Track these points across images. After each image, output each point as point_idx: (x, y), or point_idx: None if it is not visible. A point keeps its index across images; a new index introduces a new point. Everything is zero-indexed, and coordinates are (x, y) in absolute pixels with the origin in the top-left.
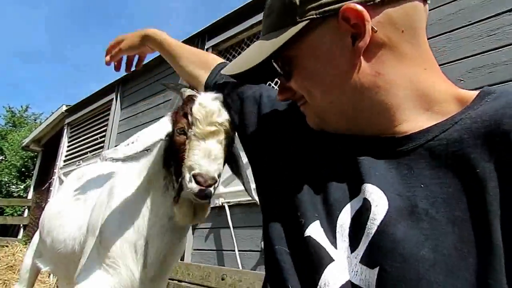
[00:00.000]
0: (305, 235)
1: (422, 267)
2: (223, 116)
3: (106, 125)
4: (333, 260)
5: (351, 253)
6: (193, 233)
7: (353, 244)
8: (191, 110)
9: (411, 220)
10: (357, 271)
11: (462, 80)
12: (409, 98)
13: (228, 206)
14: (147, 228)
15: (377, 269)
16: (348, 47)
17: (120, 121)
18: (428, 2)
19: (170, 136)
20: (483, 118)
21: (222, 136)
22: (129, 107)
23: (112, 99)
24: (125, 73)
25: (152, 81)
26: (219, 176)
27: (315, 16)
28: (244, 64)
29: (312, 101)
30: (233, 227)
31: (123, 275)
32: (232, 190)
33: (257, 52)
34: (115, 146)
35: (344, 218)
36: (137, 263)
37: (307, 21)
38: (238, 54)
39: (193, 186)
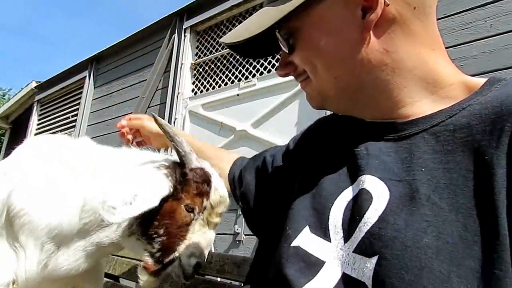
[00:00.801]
0: (292, 245)
1: (425, 255)
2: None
3: (79, 103)
4: (324, 262)
5: (344, 243)
6: None
7: (347, 234)
8: (208, 195)
9: (412, 206)
10: (348, 261)
11: None
12: (415, 80)
13: None
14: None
15: (375, 258)
16: (358, 20)
17: (93, 100)
18: None
19: (163, 200)
20: (493, 104)
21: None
22: (102, 86)
23: (85, 77)
24: (99, 50)
25: (127, 60)
26: None
27: None
28: (245, 32)
29: (315, 76)
30: None
31: None
32: None
33: (261, 20)
34: (88, 125)
35: (337, 210)
36: None
37: None
38: (217, 36)
39: (189, 271)
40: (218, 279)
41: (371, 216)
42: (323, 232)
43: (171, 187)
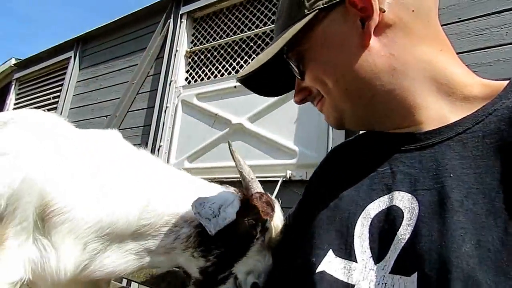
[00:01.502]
0: (317, 272)
1: (467, 265)
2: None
3: (61, 85)
4: (353, 286)
5: (376, 264)
6: None
7: (378, 254)
8: (271, 217)
9: (445, 214)
10: (385, 283)
11: None
12: (427, 81)
13: None
14: None
15: (415, 276)
16: (358, 30)
17: (77, 82)
18: None
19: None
20: None
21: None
22: (88, 68)
23: (70, 57)
24: (87, 30)
25: (117, 42)
26: None
27: (322, 6)
28: (255, 63)
29: (328, 93)
30: None
31: None
32: (197, 166)
33: (268, 52)
34: (70, 108)
35: (362, 229)
36: None
37: (315, 12)
38: (215, 25)
39: None
40: None
41: (404, 233)
42: (348, 253)
43: (240, 203)
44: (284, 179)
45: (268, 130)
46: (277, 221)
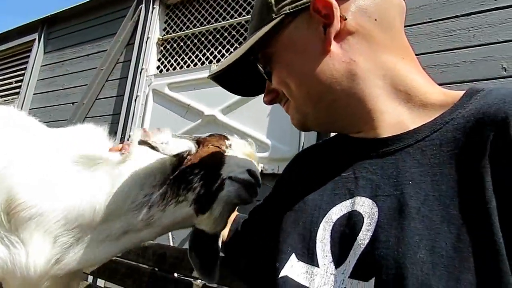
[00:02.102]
0: (280, 276)
1: (421, 272)
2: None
3: (25, 68)
4: None
5: (336, 268)
6: None
7: (338, 259)
8: (227, 139)
9: (402, 220)
10: (345, 287)
11: None
12: (387, 88)
13: None
14: None
15: (372, 281)
16: (320, 35)
17: (42, 66)
18: None
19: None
20: (477, 117)
21: (257, 162)
22: (54, 52)
23: (34, 39)
24: (53, 12)
25: (85, 26)
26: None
27: (288, 11)
28: (224, 63)
29: (291, 95)
30: None
31: None
32: None
33: (238, 51)
34: (34, 94)
35: (324, 233)
36: None
37: (282, 16)
38: (189, 13)
39: (249, 178)
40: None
41: (364, 238)
42: (310, 258)
43: (191, 146)
44: None
45: (240, 123)
46: (235, 142)
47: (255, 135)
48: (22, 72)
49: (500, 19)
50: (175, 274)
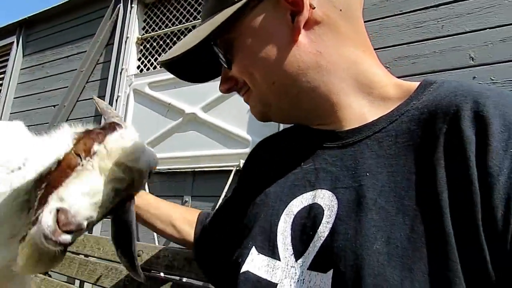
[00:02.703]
0: (242, 271)
1: (377, 262)
2: (140, 164)
3: (4, 72)
4: (276, 285)
5: (296, 261)
6: None
7: (298, 251)
8: (104, 137)
9: (360, 212)
10: (303, 279)
11: (388, 67)
12: (350, 80)
13: None
14: None
15: (331, 272)
16: (288, 24)
17: (21, 69)
18: None
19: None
20: (430, 109)
21: (121, 186)
22: (33, 55)
23: (13, 42)
24: (30, 14)
25: (65, 27)
26: (88, 226)
27: None
28: (179, 49)
29: (255, 85)
30: None
31: None
32: None
33: (194, 36)
34: (15, 98)
35: (285, 226)
36: None
37: (246, 0)
38: (167, 11)
39: (47, 222)
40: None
41: (323, 230)
42: (271, 250)
43: (70, 146)
44: (237, 168)
45: (221, 120)
46: (117, 143)
47: (236, 132)
48: (1, 76)
49: (467, 10)
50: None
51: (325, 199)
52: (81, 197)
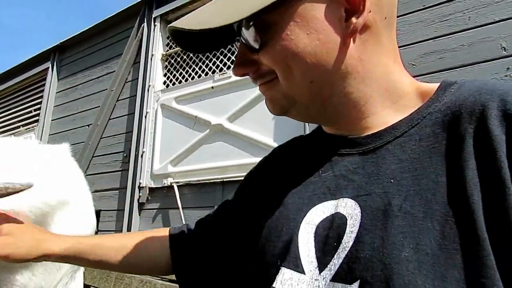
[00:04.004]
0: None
1: (407, 271)
2: None
3: (41, 96)
4: None
5: (320, 273)
6: (139, 214)
7: (322, 263)
8: None
9: (386, 220)
10: None
11: (414, 65)
12: (380, 90)
13: (177, 186)
14: None
15: (356, 283)
16: (341, 21)
17: (57, 93)
18: None
19: None
20: (453, 110)
21: None
22: (67, 78)
23: (48, 68)
24: (62, 40)
25: (94, 50)
26: None
27: None
28: (210, 20)
29: (288, 79)
30: (182, 208)
31: None
32: (181, 170)
33: (231, 8)
34: (52, 120)
35: (306, 237)
36: None
37: None
38: None
39: None
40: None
41: (348, 240)
42: (294, 263)
43: None
44: None
45: (247, 129)
46: None
47: (262, 140)
48: (40, 100)
49: None
50: None
51: (348, 208)
52: None
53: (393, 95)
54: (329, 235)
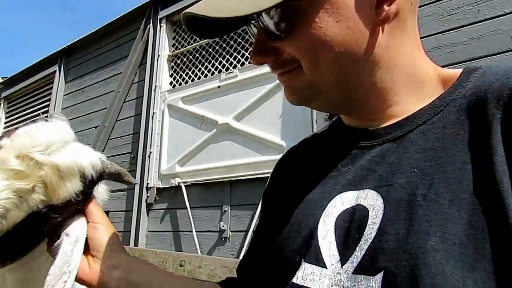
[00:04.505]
0: (290, 283)
1: (434, 260)
2: (55, 158)
3: (49, 99)
4: None
5: (342, 266)
6: (147, 214)
7: (344, 256)
8: (15, 130)
9: (411, 210)
10: (349, 285)
11: None
12: (404, 78)
13: (185, 186)
14: None
15: (380, 275)
16: (372, 10)
17: (64, 95)
18: None
19: None
20: (478, 95)
21: (25, 185)
22: (74, 81)
23: (55, 71)
24: (68, 43)
25: (100, 52)
26: None
27: None
28: (237, 7)
29: (314, 68)
30: (190, 208)
31: None
32: (188, 170)
33: None
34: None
35: (325, 229)
36: None
37: None
38: None
39: None
40: None
41: (370, 232)
42: (315, 258)
43: None
44: None
45: (254, 127)
46: (19, 133)
47: (269, 138)
48: (47, 103)
49: None
50: None
51: (369, 199)
52: None
53: (416, 83)
54: (350, 227)
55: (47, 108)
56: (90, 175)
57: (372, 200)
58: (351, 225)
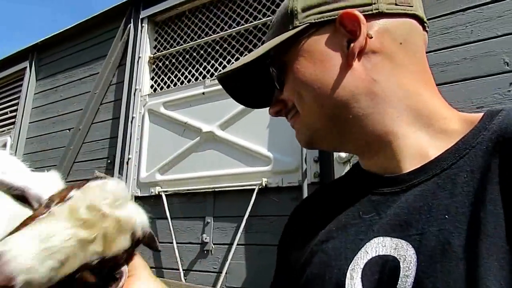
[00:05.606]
0: None
1: None
2: (118, 213)
3: (18, 97)
4: None
5: None
6: None
7: None
8: (83, 183)
9: (448, 262)
10: None
11: None
12: (408, 110)
13: (166, 195)
14: None
15: None
16: (343, 49)
17: (35, 94)
18: (427, 29)
19: None
20: (506, 136)
21: (88, 235)
22: (46, 79)
23: (25, 68)
24: (42, 38)
25: (76, 49)
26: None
27: (313, 21)
28: (235, 64)
29: (303, 107)
30: (171, 218)
31: None
32: (169, 178)
33: (253, 53)
34: (30, 122)
35: (352, 283)
36: None
37: (306, 25)
38: (178, 28)
39: None
40: None
41: (404, 285)
42: None
43: None
44: (260, 186)
45: (240, 137)
46: (90, 186)
47: (256, 149)
48: (16, 101)
49: (498, 12)
50: None
51: (399, 249)
52: (28, 240)
53: (423, 117)
54: (381, 279)
55: (16, 107)
56: (138, 234)
57: (402, 250)
58: (381, 277)
